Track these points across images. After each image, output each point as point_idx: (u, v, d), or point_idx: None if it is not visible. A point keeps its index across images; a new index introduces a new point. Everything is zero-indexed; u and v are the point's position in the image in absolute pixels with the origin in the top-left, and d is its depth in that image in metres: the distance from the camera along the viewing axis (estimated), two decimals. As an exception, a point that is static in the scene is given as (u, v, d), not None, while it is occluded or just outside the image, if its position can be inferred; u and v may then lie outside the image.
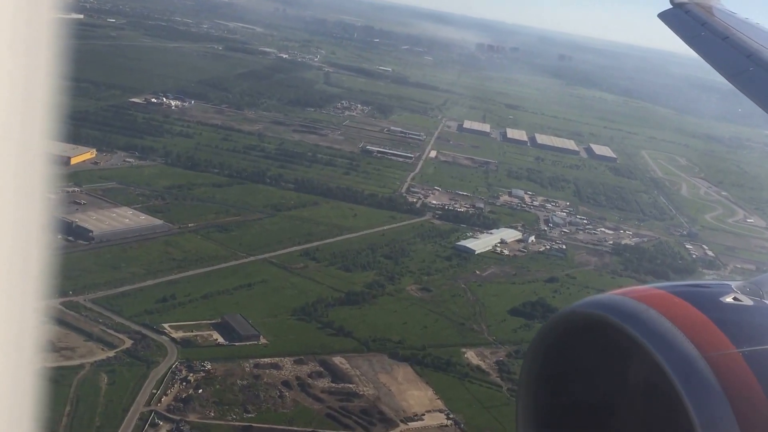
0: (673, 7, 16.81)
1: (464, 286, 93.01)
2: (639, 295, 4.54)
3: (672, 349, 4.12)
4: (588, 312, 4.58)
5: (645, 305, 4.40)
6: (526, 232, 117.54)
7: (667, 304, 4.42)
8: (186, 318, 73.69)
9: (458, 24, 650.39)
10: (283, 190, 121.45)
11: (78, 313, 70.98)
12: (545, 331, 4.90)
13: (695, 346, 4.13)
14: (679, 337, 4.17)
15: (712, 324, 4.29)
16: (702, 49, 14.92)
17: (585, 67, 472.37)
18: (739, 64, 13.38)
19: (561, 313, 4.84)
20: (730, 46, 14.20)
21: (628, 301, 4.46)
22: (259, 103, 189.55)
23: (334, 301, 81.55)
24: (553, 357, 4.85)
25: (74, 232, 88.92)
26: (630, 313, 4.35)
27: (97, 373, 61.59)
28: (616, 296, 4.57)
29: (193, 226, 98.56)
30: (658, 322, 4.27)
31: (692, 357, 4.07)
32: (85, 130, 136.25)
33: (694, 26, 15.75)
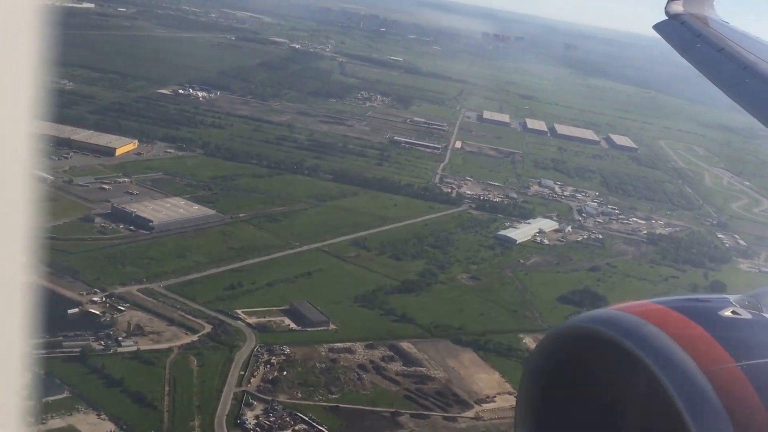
0: (668, 18, 16.60)
1: (511, 274, 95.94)
2: (637, 310, 4.56)
3: (671, 363, 4.12)
4: (587, 327, 4.60)
5: (643, 320, 4.40)
6: (562, 222, 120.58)
7: (665, 318, 4.42)
8: (255, 304, 76.33)
9: (460, 12, 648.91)
10: (322, 180, 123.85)
11: (156, 299, 73.55)
12: (545, 345, 4.93)
13: (694, 360, 4.12)
14: (678, 352, 4.16)
15: (711, 338, 4.29)
16: (697, 61, 14.78)
17: (592, 56, 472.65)
18: (735, 76, 13.30)
19: (560, 327, 4.89)
20: (726, 57, 14.06)
21: (626, 316, 4.47)
22: (282, 94, 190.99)
23: (392, 288, 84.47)
24: (552, 371, 4.87)
25: (134, 222, 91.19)
26: (628, 328, 4.36)
27: (185, 356, 64.29)
28: (615, 311, 4.60)
29: (244, 216, 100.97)
30: (657, 336, 4.27)
31: (691, 371, 4.07)
32: (122, 121, 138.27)
33: (689, 37, 15.54)
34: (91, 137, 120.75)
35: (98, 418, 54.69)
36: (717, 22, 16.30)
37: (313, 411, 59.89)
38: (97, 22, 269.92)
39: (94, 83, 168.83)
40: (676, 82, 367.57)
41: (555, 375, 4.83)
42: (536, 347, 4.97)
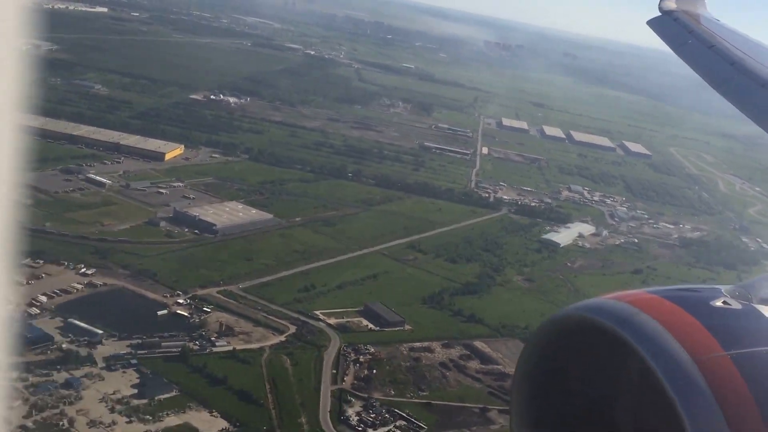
0: (661, 14, 16.84)
1: (561, 277, 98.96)
2: (630, 299, 4.61)
3: (662, 352, 4.18)
4: (580, 315, 4.64)
5: (636, 309, 4.46)
6: (598, 226, 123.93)
7: (658, 307, 4.48)
8: (330, 306, 78.57)
9: (457, 19, 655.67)
10: (365, 185, 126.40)
11: (236, 301, 75.59)
12: (539, 334, 4.95)
13: (685, 349, 4.19)
14: (670, 341, 4.23)
15: (702, 327, 4.35)
16: (688, 57, 14.95)
17: (591, 65, 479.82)
18: (724, 73, 13.43)
19: (554, 316, 4.88)
20: (716, 54, 14.20)
21: (619, 305, 4.53)
22: (309, 101, 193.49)
23: (455, 290, 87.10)
24: (546, 359, 4.91)
25: (198, 225, 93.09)
26: (621, 317, 4.41)
27: (278, 355, 66.35)
28: (608, 300, 4.64)
29: (300, 220, 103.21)
30: (649, 325, 4.32)
31: (682, 360, 4.14)
32: (162, 126, 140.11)
33: (681, 34, 15.74)
34: (139, 142, 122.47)
35: (210, 415, 56.64)
36: (708, 20, 16.48)
37: (407, 407, 62.22)
38: (115, 26, 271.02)
39: (127, 88, 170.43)
40: (675, 91, 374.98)
41: (549, 364, 4.88)
42: (530, 337, 4.99)
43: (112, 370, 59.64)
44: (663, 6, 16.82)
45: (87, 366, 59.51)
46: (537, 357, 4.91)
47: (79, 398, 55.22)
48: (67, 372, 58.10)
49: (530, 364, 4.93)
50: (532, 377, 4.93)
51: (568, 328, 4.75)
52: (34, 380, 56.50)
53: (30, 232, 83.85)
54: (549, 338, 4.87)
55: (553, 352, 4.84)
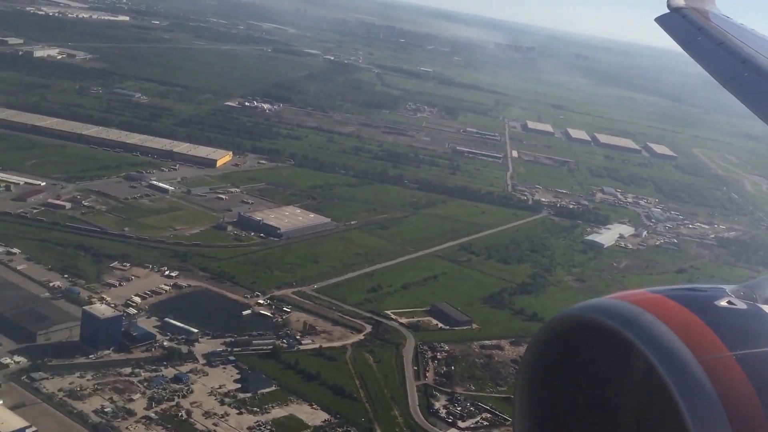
0: (670, 11, 16.69)
1: (610, 277, 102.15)
2: (635, 299, 4.61)
3: (667, 352, 4.17)
4: (584, 315, 4.62)
5: (640, 309, 4.45)
6: (637, 227, 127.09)
7: (662, 307, 4.47)
8: (398, 305, 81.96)
9: (466, 22, 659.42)
10: (408, 189, 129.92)
11: (312, 301, 79.14)
12: (543, 334, 4.91)
13: (689, 349, 4.18)
14: (674, 341, 4.22)
15: (707, 327, 4.34)
16: (698, 54, 14.82)
17: (604, 66, 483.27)
18: (734, 69, 13.33)
19: (558, 316, 4.84)
20: (725, 51, 14.09)
21: (623, 305, 4.53)
22: (338, 106, 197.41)
23: (513, 290, 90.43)
24: (550, 359, 4.88)
25: (262, 229, 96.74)
26: (625, 317, 4.41)
27: (360, 352, 69.80)
28: (612, 300, 4.65)
29: (355, 223, 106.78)
30: (654, 325, 4.31)
31: (686, 360, 4.13)
32: (206, 134, 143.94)
33: (690, 31, 15.58)
34: (191, 149, 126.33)
35: (311, 408, 60.07)
36: (717, 16, 16.33)
37: (488, 401, 65.54)
38: (140, 35, 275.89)
39: (164, 96, 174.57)
40: (690, 91, 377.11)
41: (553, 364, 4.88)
42: (534, 337, 4.97)
43: (212, 366, 63.28)
44: (672, 3, 16.72)
45: (190, 362, 63.18)
46: (541, 356, 4.92)
47: (190, 392, 58.89)
48: (173, 368, 61.81)
49: (534, 363, 4.95)
50: (536, 377, 4.95)
51: (572, 328, 4.75)
52: (146, 375, 60.19)
53: (112, 237, 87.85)
54: (553, 338, 4.85)
55: (557, 351, 4.85)
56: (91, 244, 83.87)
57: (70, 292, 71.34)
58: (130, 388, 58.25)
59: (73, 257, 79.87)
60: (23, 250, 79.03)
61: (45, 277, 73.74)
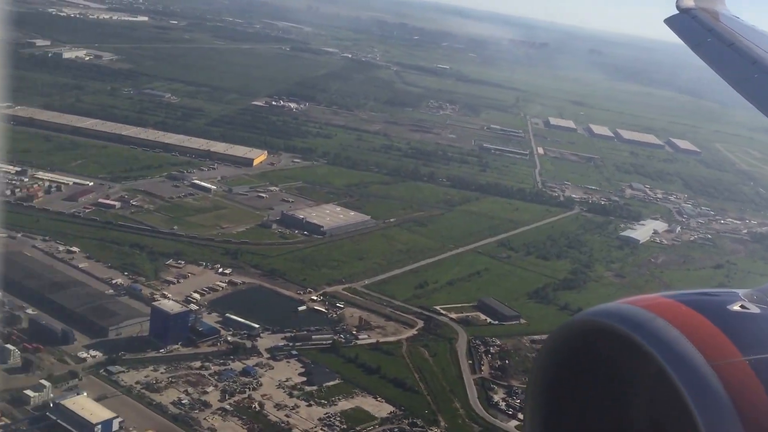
0: (679, 12, 16.52)
1: (648, 272, 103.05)
2: (647, 303, 4.55)
3: (679, 357, 4.13)
4: (596, 321, 4.59)
5: (653, 314, 4.41)
6: (671, 223, 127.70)
7: (674, 312, 4.44)
8: (445, 301, 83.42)
9: (477, 18, 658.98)
10: (441, 186, 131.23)
11: (362, 297, 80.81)
12: (554, 339, 4.90)
13: (702, 354, 4.13)
14: (686, 346, 4.18)
15: (720, 332, 4.29)
16: (708, 56, 14.68)
17: (619, 61, 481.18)
18: (744, 71, 13.20)
19: (570, 321, 4.83)
20: (736, 52, 13.98)
21: (635, 310, 4.48)
22: (362, 104, 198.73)
23: (556, 286, 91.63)
24: (561, 363, 4.87)
25: (306, 227, 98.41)
26: (637, 322, 4.37)
27: (415, 347, 71.38)
28: (624, 305, 4.59)
29: (394, 221, 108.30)
30: (666, 330, 4.28)
31: (699, 365, 4.08)
32: (239, 133, 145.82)
33: (700, 32, 15.46)
34: (227, 149, 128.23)
35: (376, 400, 61.72)
36: (727, 17, 16.16)
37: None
38: (160, 35, 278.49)
39: (193, 96, 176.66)
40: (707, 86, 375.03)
41: (565, 369, 4.88)
42: (546, 341, 4.99)
43: (277, 360, 65.07)
44: (681, 4, 16.57)
45: (254, 356, 65.02)
46: (552, 361, 4.90)
47: (260, 385, 60.71)
48: (240, 362, 63.64)
49: (545, 368, 4.93)
50: (547, 381, 4.93)
51: (583, 333, 4.73)
52: (215, 369, 62.02)
53: (164, 235, 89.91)
54: (565, 343, 4.84)
55: (568, 356, 4.83)
56: (145, 242, 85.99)
57: (132, 289, 73.44)
58: (202, 381, 60.19)
59: (129, 255, 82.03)
60: (82, 249, 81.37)
61: (106, 275, 75.92)
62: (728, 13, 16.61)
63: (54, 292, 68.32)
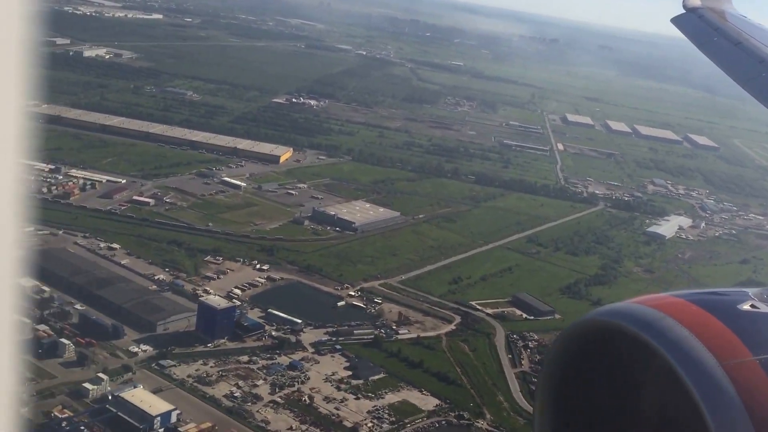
0: (686, 11, 16.53)
1: (677, 267, 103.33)
2: (656, 303, 4.54)
3: (688, 357, 4.13)
4: (605, 320, 4.59)
5: (662, 313, 4.40)
6: (695, 219, 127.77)
7: (684, 312, 4.43)
8: (479, 296, 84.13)
9: (486, 14, 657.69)
10: (466, 183, 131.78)
11: (399, 293, 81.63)
12: (563, 338, 4.92)
13: (712, 353, 4.12)
14: (696, 345, 4.17)
15: (730, 332, 4.28)
16: (714, 55, 14.65)
17: (630, 57, 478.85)
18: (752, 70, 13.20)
19: (579, 321, 4.84)
20: (743, 51, 13.96)
21: (644, 310, 4.47)
22: (380, 101, 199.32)
23: (587, 281, 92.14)
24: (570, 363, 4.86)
25: (337, 224, 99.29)
26: (646, 322, 4.36)
27: (455, 342, 72.20)
28: (633, 304, 4.58)
29: (422, 217, 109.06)
30: (675, 330, 4.27)
31: (709, 365, 4.07)
32: (262, 130, 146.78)
33: (706, 31, 15.43)
34: (253, 146, 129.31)
35: (421, 393, 62.57)
36: (734, 16, 16.13)
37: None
38: (176, 33, 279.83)
39: (214, 94, 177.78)
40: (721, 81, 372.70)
41: (574, 368, 4.87)
42: (555, 341, 5.02)
43: (321, 354, 66.04)
44: (687, 3, 16.60)
45: (300, 351, 66.01)
46: (561, 361, 4.90)
47: (307, 378, 61.68)
48: (286, 356, 64.60)
49: (555, 367, 4.93)
50: (557, 381, 4.93)
51: (592, 332, 4.74)
52: (263, 363, 63.04)
53: (200, 232, 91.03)
54: (574, 343, 4.85)
55: (577, 356, 4.83)
56: (182, 239, 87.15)
57: (174, 285, 74.63)
58: (251, 374, 61.23)
59: (169, 252, 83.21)
60: (122, 245, 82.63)
61: (148, 271, 77.15)
62: (735, 12, 16.61)
63: (100, 288, 69.58)
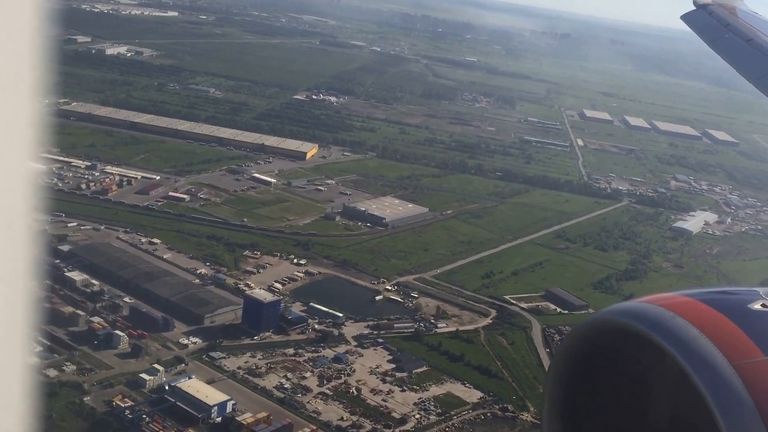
0: (696, 8, 16.31)
1: (706, 263, 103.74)
2: (666, 302, 4.48)
3: (699, 357, 4.07)
4: (614, 320, 4.53)
5: (672, 313, 4.34)
6: (721, 214, 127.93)
7: (694, 311, 4.36)
8: (512, 291, 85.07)
9: (495, 9, 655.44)
10: (490, 179, 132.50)
11: (434, 287, 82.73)
12: (573, 338, 4.90)
13: (723, 354, 4.06)
14: (707, 345, 4.11)
15: (741, 331, 4.22)
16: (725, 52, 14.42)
17: (642, 52, 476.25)
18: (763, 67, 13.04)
19: (588, 320, 4.79)
20: (754, 48, 13.74)
21: (654, 309, 4.41)
22: (398, 97, 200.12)
23: (618, 276, 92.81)
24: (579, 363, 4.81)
25: (368, 219, 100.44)
26: (656, 321, 4.30)
27: (493, 335, 73.24)
28: (643, 304, 4.53)
29: (450, 212, 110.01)
30: (685, 329, 4.21)
31: (720, 365, 4.02)
32: (287, 127, 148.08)
33: (717, 28, 15.23)
34: (280, 143, 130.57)
35: (464, 386, 63.68)
36: (745, 13, 15.92)
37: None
38: (192, 30, 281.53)
39: (236, 91, 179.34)
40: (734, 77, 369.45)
41: (582, 369, 4.81)
42: (563, 341, 5.04)
43: (364, 348, 67.26)
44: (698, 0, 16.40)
45: (343, 344, 67.27)
46: (570, 361, 4.85)
47: (353, 371, 62.93)
48: (330, 349, 65.90)
49: (563, 368, 4.89)
50: (565, 380, 4.88)
51: (601, 332, 4.68)
52: (309, 356, 64.34)
53: (236, 227, 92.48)
54: (582, 342, 4.81)
55: (586, 356, 4.78)
56: (220, 234, 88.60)
57: (217, 279, 76.11)
58: (298, 366, 62.52)
59: (208, 246, 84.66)
60: (162, 240, 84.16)
61: (190, 265, 78.64)
62: (746, 9, 16.37)
63: (147, 281, 71.12)
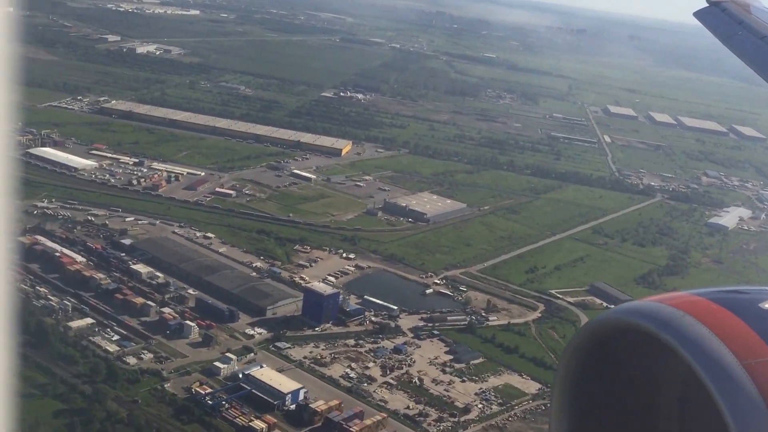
0: (709, 5, 16.20)
1: (744, 258, 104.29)
2: (676, 301, 4.49)
3: (708, 356, 4.07)
4: (623, 319, 4.54)
5: (682, 312, 4.35)
6: (755, 210, 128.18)
7: (704, 310, 4.37)
8: (556, 285, 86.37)
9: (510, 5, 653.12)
10: (522, 175, 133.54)
11: (480, 281, 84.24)
12: (582, 336, 4.87)
13: (733, 352, 4.07)
14: (716, 344, 4.11)
15: (751, 330, 4.22)
16: (739, 49, 14.37)
17: (660, 47, 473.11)
18: None
19: (597, 319, 4.80)
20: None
21: (664, 308, 4.42)
22: (423, 94, 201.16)
23: (660, 271, 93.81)
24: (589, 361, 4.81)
25: (409, 215, 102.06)
26: (666, 320, 4.31)
27: (543, 328, 74.71)
28: (653, 303, 4.53)
29: (487, 208, 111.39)
30: (695, 328, 4.21)
31: (729, 364, 4.03)
32: (319, 124, 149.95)
33: (730, 25, 15.15)
34: (315, 140, 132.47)
35: (521, 378, 65.21)
36: (759, 9, 15.83)
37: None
38: (216, 28, 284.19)
39: (265, 89, 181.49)
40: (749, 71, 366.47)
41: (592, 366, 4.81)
42: (572, 339, 4.93)
43: (421, 339, 68.96)
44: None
45: (400, 336, 69.01)
46: (579, 360, 4.86)
47: (413, 362, 64.65)
48: (389, 340, 67.65)
49: (573, 365, 4.90)
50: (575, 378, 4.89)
51: (611, 330, 4.69)
52: (369, 347, 66.12)
53: (283, 222, 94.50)
54: (591, 341, 4.81)
55: (595, 355, 4.79)
56: (269, 228, 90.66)
57: (272, 272, 78.11)
58: (361, 357, 64.36)
59: (259, 240, 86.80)
60: (216, 235, 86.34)
61: (245, 259, 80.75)
62: (760, 6, 16.30)
63: (209, 274, 73.25)
